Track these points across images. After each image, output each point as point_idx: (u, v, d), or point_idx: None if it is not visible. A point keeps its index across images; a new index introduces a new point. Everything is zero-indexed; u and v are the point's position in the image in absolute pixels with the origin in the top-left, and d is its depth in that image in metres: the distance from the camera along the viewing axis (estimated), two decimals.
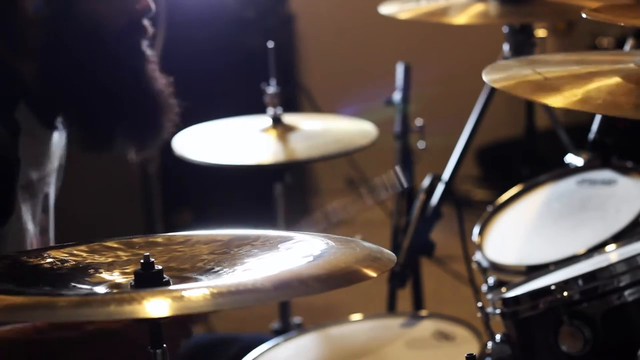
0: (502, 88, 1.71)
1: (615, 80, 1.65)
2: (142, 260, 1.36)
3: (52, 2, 1.78)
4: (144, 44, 1.86)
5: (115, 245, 1.51)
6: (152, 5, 1.85)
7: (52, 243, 1.95)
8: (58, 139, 1.92)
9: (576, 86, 1.65)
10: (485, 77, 1.77)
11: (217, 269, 1.42)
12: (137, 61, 1.84)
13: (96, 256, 1.49)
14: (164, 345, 1.36)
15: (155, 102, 1.85)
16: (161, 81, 1.87)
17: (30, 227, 1.85)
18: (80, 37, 1.79)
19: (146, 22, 1.85)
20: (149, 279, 1.35)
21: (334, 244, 1.43)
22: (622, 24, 1.75)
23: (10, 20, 1.78)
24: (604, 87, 1.64)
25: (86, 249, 1.51)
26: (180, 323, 1.64)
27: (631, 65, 1.72)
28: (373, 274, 1.34)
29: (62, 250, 1.51)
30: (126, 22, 1.82)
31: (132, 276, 1.37)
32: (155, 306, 1.25)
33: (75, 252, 1.51)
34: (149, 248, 1.50)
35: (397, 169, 2.54)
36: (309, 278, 1.32)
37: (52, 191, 1.94)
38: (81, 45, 1.80)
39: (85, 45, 1.80)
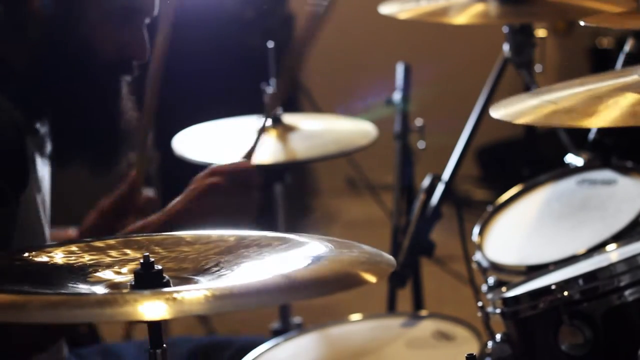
0: (529, 122, 1.69)
1: (630, 94, 1.64)
2: (141, 260, 1.36)
3: (59, 6, 1.82)
4: (124, 80, 1.91)
5: (116, 244, 1.51)
6: (147, 57, 1.90)
7: (47, 226, 1.98)
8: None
9: (596, 105, 1.63)
10: (497, 115, 1.74)
11: (216, 270, 1.42)
12: (112, 93, 1.89)
13: (96, 255, 1.49)
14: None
15: (116, 136, 1.92)
16: (129, 115, 1.93)
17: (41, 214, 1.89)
18: (70, 51, 1.84)
19: (135, 65, 1.91)
20: (148, 279, 1.35)
21: (333, 247, 1.43)
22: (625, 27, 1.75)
23: (17, 7, 1.82)
24: (622, 101, 1.63)
25: (86, 248, 1.51)
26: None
27: (636, 76, 1.71)
28: (372, 279, 1.33)
29: (60, 248, 1.51)
30: (117, 59, 1.88)
31: (132, 276, 1.36)
32: (151, 309, 1.24)
33: (74, 249, 1.50)
34: (149, 248, 1.50)
35: None
36: (307, 282, 1.31)
37: (46, 175, 1.99)
38: (69, 58, 1.84)
39: (71, 61, 1.84)
